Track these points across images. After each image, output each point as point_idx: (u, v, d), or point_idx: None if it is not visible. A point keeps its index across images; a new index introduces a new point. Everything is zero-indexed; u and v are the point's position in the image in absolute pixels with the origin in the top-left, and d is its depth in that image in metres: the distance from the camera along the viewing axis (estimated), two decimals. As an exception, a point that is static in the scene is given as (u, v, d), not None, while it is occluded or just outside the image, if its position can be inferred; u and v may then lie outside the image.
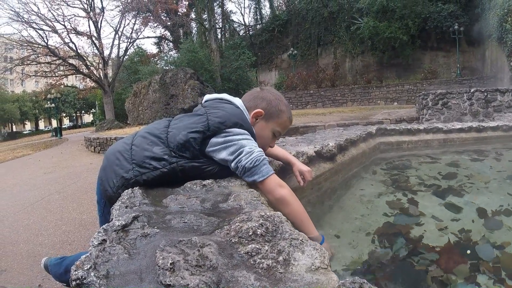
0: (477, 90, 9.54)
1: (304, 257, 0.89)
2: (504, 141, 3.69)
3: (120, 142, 1.81)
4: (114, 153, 1.73)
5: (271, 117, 1.81)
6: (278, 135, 1.88)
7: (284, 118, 1.84)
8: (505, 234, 1.74)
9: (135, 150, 1.65)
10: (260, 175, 1.53)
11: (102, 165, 1.79)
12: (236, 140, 1.58)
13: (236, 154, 1.55)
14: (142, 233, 1.00)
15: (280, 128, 1.84)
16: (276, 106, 1.82)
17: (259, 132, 1.77)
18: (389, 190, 2.46)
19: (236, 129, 1.61)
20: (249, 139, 1.62)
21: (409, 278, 1.49)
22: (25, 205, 6.54)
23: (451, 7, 25.65)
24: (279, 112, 1.82)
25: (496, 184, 2.49)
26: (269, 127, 1.81)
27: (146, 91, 20.58)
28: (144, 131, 1.75)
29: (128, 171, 1.59)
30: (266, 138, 1.82)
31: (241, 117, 1.69)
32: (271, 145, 1.89)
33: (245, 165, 1.52)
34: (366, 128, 3.64)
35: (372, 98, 26.51)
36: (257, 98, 1.84)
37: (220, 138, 1.59)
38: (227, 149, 1.57)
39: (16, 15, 27.79)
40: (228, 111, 1.68)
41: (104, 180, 1.71)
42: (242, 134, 1.61)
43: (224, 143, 1.57)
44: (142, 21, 32.80)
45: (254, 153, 1.55)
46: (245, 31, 40.51)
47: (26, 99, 59.58)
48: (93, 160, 11.75)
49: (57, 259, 2.64)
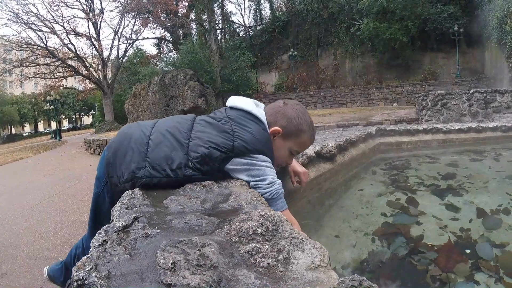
0: (477, 91, 9.56)
1: (304, 256, 0.90)
2: (503, 141, 3.70)
3: (138, 128, 1.72)
4: (129, 140, 1.65)
5: (289, 136, 1.72)
6: (296, 154, 1.84)
7: (304, 138, 1.75)
8: (504, 233, 1.75)
9: (151, 147, 1.58)
10: (275, 209, 1.49)
11: (113, 146, 1.71)
12: (260, 166, 1.56)
13: (258, 179, 1.54)
14: (143, 234, 1.01)
15: (298, 147, 1.78)
16: (297, 125, 1.72)
17: (275, 150, 1.69)
18: (389, 190, 2.47)
19: (260, 156, 1.58)
20: (271, 168, 1.59)
21: (409, 277, 1.49)
22: (25, 207, 6.54)
23: (450, 9, 25.67)
24: (299, 131, 1.73)
25: (495, 184, 2.50)
26: (286, 145, 1.73)
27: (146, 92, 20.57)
28: (165, 128, 1.66)
29: (140, 169, 1.54)
30: (282, 156, 1.75)
31: (266, 144, 1.62)
32: (288, 162, 1.84)
33: (263, 195, 1.49)
34: (365, 129, 3.65)
35: (372, 99, 26.57)
36: (278, 114, 1.73)
37: (244, 159, 1.56)
38: (248, 171, 1.55)
39: (15, 16, 27.78)
40: (255, 134, 1.60)
41: (113, 164, 1.66)
42: (265, 162, 1.58)
43: (247, 165, 1.55)
44: (142, 22, 32.81)
45: (276, 185, 1.54)
46: (245, 32, 40.48)
47: (25, 101, 59.57)
48: (93, 162, 11.74)
49: (57, 265, 2.61)
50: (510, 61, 16.95)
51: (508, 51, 16.92)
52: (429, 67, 26.45)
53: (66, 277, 2.47)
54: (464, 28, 24.61)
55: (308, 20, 33.27)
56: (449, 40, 25.37)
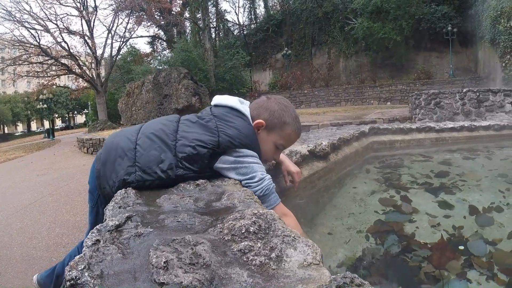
0: (470, 90, 9.61)
1: (297, 254, 0.90)
2: (496, 140, 3.72)
3: (123, 136, 1.72)
4: (116, 148, 1.65)
5: (273, 129, 1.72)
6: (282, 148, 1.81)
7: (288, 131, 1.74)
8: (496, 230, 1.76)
9: (140, 152, 1.58)
10: (268, 204, 1.52)
11: (101, 157, 1.71)
12: (247, 163, 1.55)
13: (248, 177, 1.54)
14: (136, 233, 1.01)
15: (283, 141, 1.76)
16: (280, 118, 1.72)
17: (263, 145, 1.70)
18: (382, 188, 2.48)
19: (246, 150, 1.58)
20: (259, 163, 1.59)
21: (402, 274, 1.50)
22: (18, 208, 6.50)
23: (444, 9, 25.79)
24: (282, 124, 1.72)
25: (488, 182, 2.52)
26: (270, 139, 1.73)
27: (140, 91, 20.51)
28: (150, 131, 1.66)
29: (130, 174, 1.54)
30: (268, 150, 1.74)
31: (251, 138, 1.63)
32: (275, 157, 1.84)
33: (255, 193, 1.48)
34: (359, 128, 3.66)
35: (365, 98, 26.65)
36: (261, 108, 1.75)
37: (231, 157, 1.56)
38: (237, 170, 1.55)
39: (8, 14, 27.58)
40: (240, 129, 1.61)
41: (103, 176, 1.66)
42: (252, 157, 1.58)
43: (234, 163, 1.55)
44: (136, 20, 32.65)
45: (265, 181, 1.54)
46: (240, 30, 40.45)
47: (18, 100, 59.27)
48: (86, 161, 11.71)
49: (47, 272, 2.59)
50: (503, 60, 17.07)
51: (501, 50, 17.04)
52: (422, 67, 26.56)
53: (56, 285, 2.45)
54: (458, 28, 24.76)
55: (303, 19, 33.34)
56: (442, 39, 25.51)
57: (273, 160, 1.86)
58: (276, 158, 1.86)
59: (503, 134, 3.80)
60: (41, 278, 2.59)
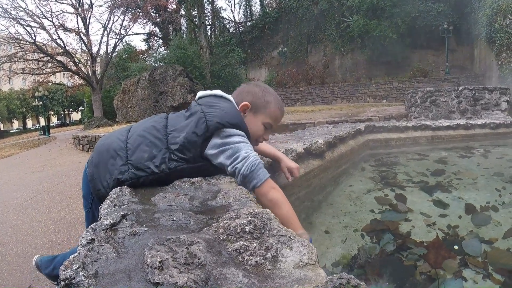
0: (465, 88, 9.63)
1: (292, 254, 0.90)
2: (492, 138, 3.73)
3: (114, 137, 1.74)
4: (107, 150, 1.67)
5: (258, 109, 1.78)
6: (270, 127, 1.84)
7: (273, 109, 1.81)
8: (492, 230, 1.76)
9: (131, 150, 1.60)
10: (258, 180, 1.51)
11: (93, 160, 1.72)
12: (233, 143, 1.56)
13: (233, 159, 1.53)
14: (131, 232, 1.00)
15: (270, 119, 1.81)
16: (262, 97, 1.80)
17: (249, 125, 1.72)
18: (378, 186, 2.48)
19: (234, 130, 1.59)
20: (246, 142, 1.60)
21: (398, 273, 1.50)
22: (13, 205, 6.47)
23: (440, 6, 25.80)
24: (266, 103, 1.79)
25: (483, 181, 2.53)
26: (258, 119, 1.78)
27: (135, 88, 20.46)
28: (141, 129, 1.69)
29: (123, 173, 1.55)
30: (257, 131, 1.78)
31: (238, 117, 1.66)
32: (265, 137, 1.85)
33: (242, 172, 1.51)
34: (355, 125, 3.66)
35: (361, 95, 26.66)
36: (243, 93, 1.83)
37: (218, 139, 1.56)
38: (224, 153, 1.55)
39: (4, 11, 27.45)
40: (226, 110, 1.65)
41: (97, 178, 1.67)
42: (239, 136, 1.59)
43: (221, 146, 1.55)
44: (131, 17, 32.51)
45: (250, 157, 1.53)
46: (235, 28, 40.43)
47: (14, 97, 58.96)
48: (82, 158, 11.67)
49: (48, 257, 2.64)
50: (499, 58, 17.12)
51: (497, 48, 17.08)
52: (418, 64, 26.58)
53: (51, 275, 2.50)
54: (454, 26, 24.77)
55: (298, 17, 33.33)
56: (438, 37, 25.52)
57: (263, 140, 1.87)
58: (266, 139, 1.87)
59: (499, 132, 3.82)
60: (41, 261, 2.64)
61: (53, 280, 2.59)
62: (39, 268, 2.66)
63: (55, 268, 2.43)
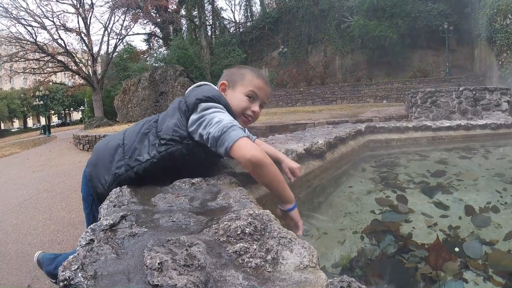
0: (466, 89, 9.61)
1: (293, 256, 0.89)
2: (492, 139, 3.73)
3: (111, 138, 1.80)
4: (105, 149, 1.72)
5: (235, 83, 1.76)
6: (255, 96, 1.76)
7: (250, 77, 1.76)
8: (493, 232, 1.76)
9: (127, 145, 1.64)
10: (230, 140, 1.42)
11: (91, 161, 1.78)
12: (208, 113, 1.53)
13: (208, 126, 1.50)
14: (130, 233, 1.00)
15: (252, 87, 1.75)
16: (236, 72, 1.80)
17: (231, 101, 1.69)
18: (378, 187, 2.47)
19: (210, 104, 1.57)
20: (222, 112, 1.56)
21: (398, 275, 1.50)
22: (13, 204, 6.48)
23: (440, 6, 25.82)
24: (242, 74, 1.78)
25: (484, 182, 2.52)
26: (237, 92, 1.75)
27: (136, 88, 20.49)
28: (135, 128, 1.74)
29: (120, 167, 1.59)
30: (239, 103, 1.73)
31: (216, 91, 1.66)
32: (253, 109, 1.76)
33: (214, 135, 1.45)
34: (355, 126, 3.66)
35: (361, 96, 26.66)
36: (221, 78, 1.84)
37: (196, 114, 1.56)
38: (200, 126, 1.52)
39: (5, 11, 27.53)
40: (205, 89, 1.67)
41: (95, 177, 1.71)
42: (215, 108, 1.56)
43: (198, 120, 1.54)
44: (132, 17, 32.60)
45: (223, 121, 1.47)
46: (236, 28, 40.47)
47: (15, 96, 59.05)
48: (82, 158, 11.67)
49: (51, 255, 2.67)
50: (499, 59, 17.11)
51: (498, 49, 17.08)
52: (418, 65, 26.58)
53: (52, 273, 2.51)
54: (454, 26, 24.75)
55: (299, 17, 33.36)
56: (438, 37, 25.50)
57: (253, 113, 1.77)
58: (255, 111, 1.77)
59: (499, 133, 3.81)
60: (43, 258, 2.67)
61: (53, 278, 2.60)
62: (40, 265, 2.68)
63: (56, 267, 2.44)
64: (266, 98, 1.82)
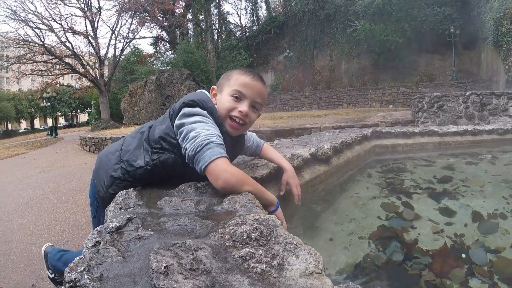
0: (473, 93, 9.57)
1: (298, 262, 0.89)
2: (499, 144, 3.70)
3: (112, 146, 1.87)
4: (106, 155, 1.81)
5: (223, 86, 1.69)
6: (241, 95, 1.64)
7: (235, 77, 1.67)
8: (500, 238, 1.74)
9: (124, 150, 1.70)
10: (203, 162, 1.36)
11: (95, 167, 1.86)
12: (188, 123, 1.48)
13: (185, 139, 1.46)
14: (136, 236, 1.00)
15: (236, 86, 1.64)
16: (225, 76, 1.74)
17: (219, 105, 1.65)
18: (384, 193, 2.46)
19: (193, 109, 1.53)
20: (201, 121, 1.49)
21: (403, 282, 1.49)
22: (19, 204, 6.50)
23: (447, 10, 25.72)
24: (227, 76, 1.72)
25: (491, 188, 2.50)
26: (224, 94, 1.66)
27: (142, 91, 20.57)
28: (134, 132, 1.81)
29: (116, 170, 1.65)
30: (224, 103, 1.64)
31: (203, 97, 1.62)
32: (241, 109, 1.62)
33: (189, 153, 1.41)
34: (361, 131, 3.65)
35: (367, 100, 26.58)
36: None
37: (178, 120, 1.53)
38: (181, 135, 1.49)
39: (13, 13, 27.78)
40: (195, 93, 1.67)
41: (97, 181, 1.79)
42: (197, 116, 1.51)
43: (179, 128, 1.51)
44: (139, 21, 32.77)
45: (199, 137, 1.40)
46: (242, 32, 40.51)
47: (22, 98, 59.47)
48: (88, 159, 11.71)
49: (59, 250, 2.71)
50: (506, 63, 17.02)
51: (505, 53, 16.99)
52: (425, 69, 26.51)
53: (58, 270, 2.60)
54: (460, 30, 24.64)
55: (305, 21, 33.37)
56: (445, 41, 25.38)
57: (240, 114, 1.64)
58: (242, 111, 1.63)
59: (506, 138, 3.78)
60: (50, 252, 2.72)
61: (55, 272, 2.63)
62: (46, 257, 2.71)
63: (64, 264, 2.48)
64: (257, 95, 1.68)
